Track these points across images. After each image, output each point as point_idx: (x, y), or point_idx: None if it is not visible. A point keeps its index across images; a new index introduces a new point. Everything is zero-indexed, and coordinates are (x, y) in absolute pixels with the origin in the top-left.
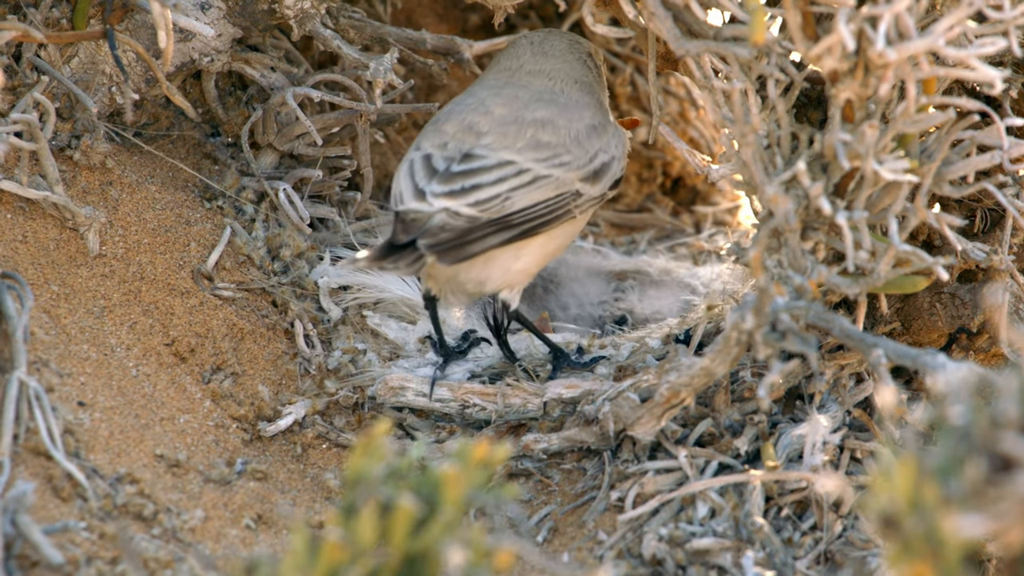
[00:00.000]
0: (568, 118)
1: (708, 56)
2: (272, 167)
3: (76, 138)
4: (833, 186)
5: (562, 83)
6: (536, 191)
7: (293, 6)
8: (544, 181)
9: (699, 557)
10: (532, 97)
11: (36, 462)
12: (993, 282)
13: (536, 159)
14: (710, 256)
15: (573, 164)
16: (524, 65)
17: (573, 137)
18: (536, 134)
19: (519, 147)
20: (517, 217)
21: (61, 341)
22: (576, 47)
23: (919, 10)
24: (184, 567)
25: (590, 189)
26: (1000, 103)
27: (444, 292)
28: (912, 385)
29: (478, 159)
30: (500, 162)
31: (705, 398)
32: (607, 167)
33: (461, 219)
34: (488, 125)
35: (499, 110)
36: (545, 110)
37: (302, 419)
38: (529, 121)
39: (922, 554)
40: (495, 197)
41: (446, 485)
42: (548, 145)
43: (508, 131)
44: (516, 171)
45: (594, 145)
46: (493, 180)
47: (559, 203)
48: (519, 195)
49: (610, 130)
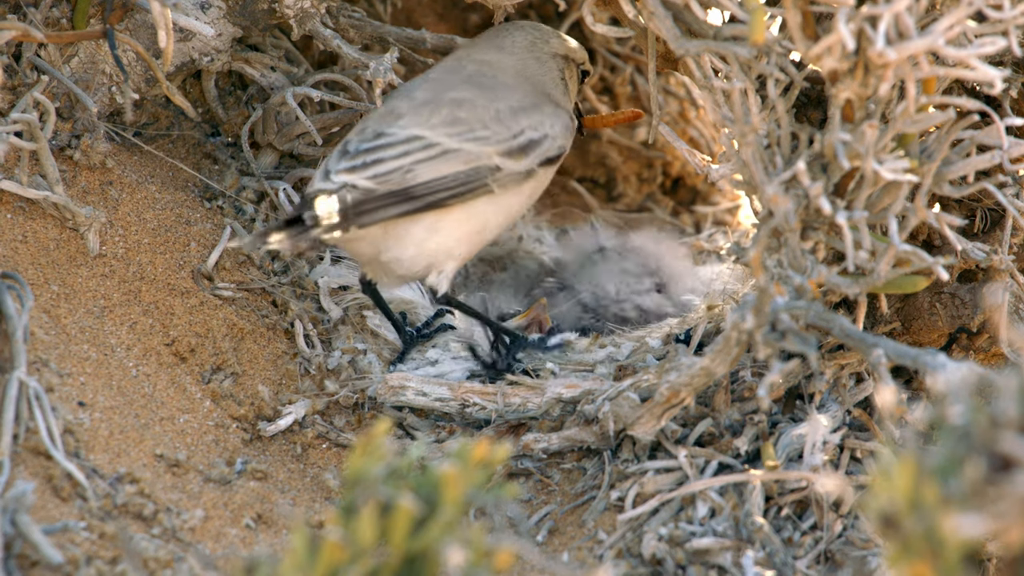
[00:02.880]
0: (490, 98)
1: (708, 56)
2: (272, 167)
3: (76, 138)
4: (833, 186)
5: (499, 71)
6: (443, 164)
7: (293, 5)
8: (454, 154)
9: (699, 557)
10: (459, 80)
11: (36, 462)
12: (993, 282)
13: (448, 133)
14: (710, 256)
15: (492, 139)
16: (472, 54)
17: (493, 115)
18: (453, 111)
19: (432, 123)
20: (421, 188)
21: (61, 341)
22: (540, 45)
23: (919, 10)
24: (184, 567)
25: (512, 164)
26: (1000, 103)
27: (376, 274)
28: (912, 385)
29: (387, 136)
30: (408, 137)
31: (705, 398)
32: (536, 143)
33: (357, 191)
34: (407, 108)
35: (421, 94)
36: (467, 91)
37: (302, 419)
38: (447, 100)
39: (922, 554)
40: (396, 169)
41: (446, 485)
42: (463, 121)
43: (423, 110)
44: (423, 145)
45: (520, 123)
46: (397, 154)
47: (472, 176)
48: (424, 167)
49: (546, 111)
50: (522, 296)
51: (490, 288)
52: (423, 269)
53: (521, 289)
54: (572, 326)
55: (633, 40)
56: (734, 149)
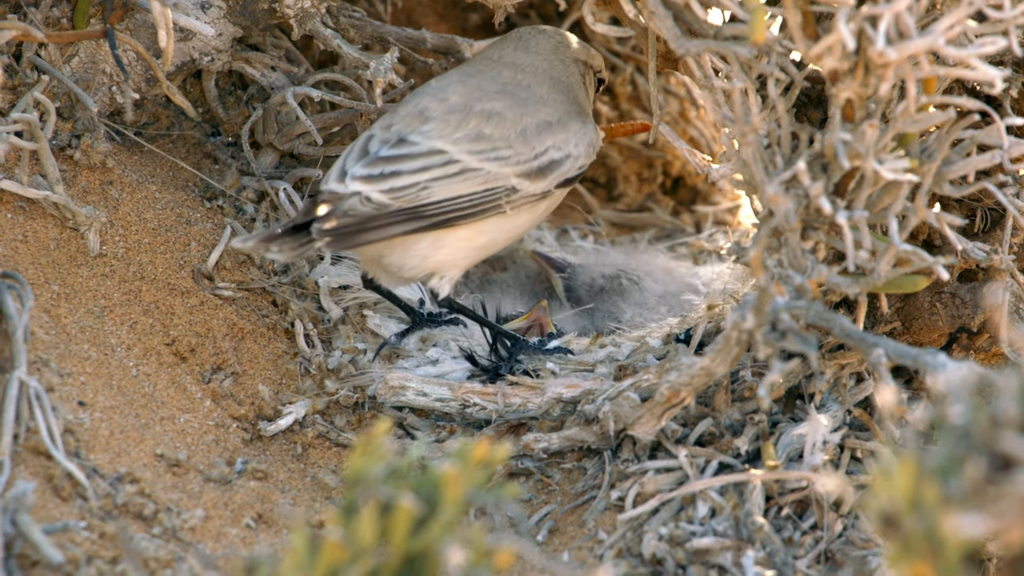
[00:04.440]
0: (520, 112)
1: (708, 55)
2: (272, 166)
3: (76, 137)
4: (833, 186)
5: (533, 78)
6: (461, 183)
7: (293, 5)
8: (473, 174)
9: (699, 556)
10: (494, 88)
11: (36, 462)
12: (993, 282)
13: (471, 151)
14: (710, 256)
15: (512, 159)
16: (504, 56)
17: (519, 132)
18: (479, 125)
19: (456, 137)
20: (431, 208)
21: (61, 341)
22: (563, 49)
23: (919, 9)
24: (184, 567)
25: (529, 186)
26: (1000, 102)
27: (377, 275)
28: (912, 385)
29: (409, 145)
30: (430, 150)
31: (705, 398)
32: (556, 164)
33: (370, 205)
34: (437, 111)
35: (454, 98)
36: (499, 102)
37: (302, 419)
38: (477, 111)
39: (922, 553)
40: (412, 185)
41: (446, 485)
42: (488, 138)
43: (451, 119)
44: (443, 161)
45: (544, 142)
46: (416, 168)
47: (486, 197)
48: (440, 186)
49: (573, 128)
50: (526, 297)
51: (491, 288)
52: (425, 276)
53: (522, 290)
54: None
55: (633, 40)
56: (734, 149)
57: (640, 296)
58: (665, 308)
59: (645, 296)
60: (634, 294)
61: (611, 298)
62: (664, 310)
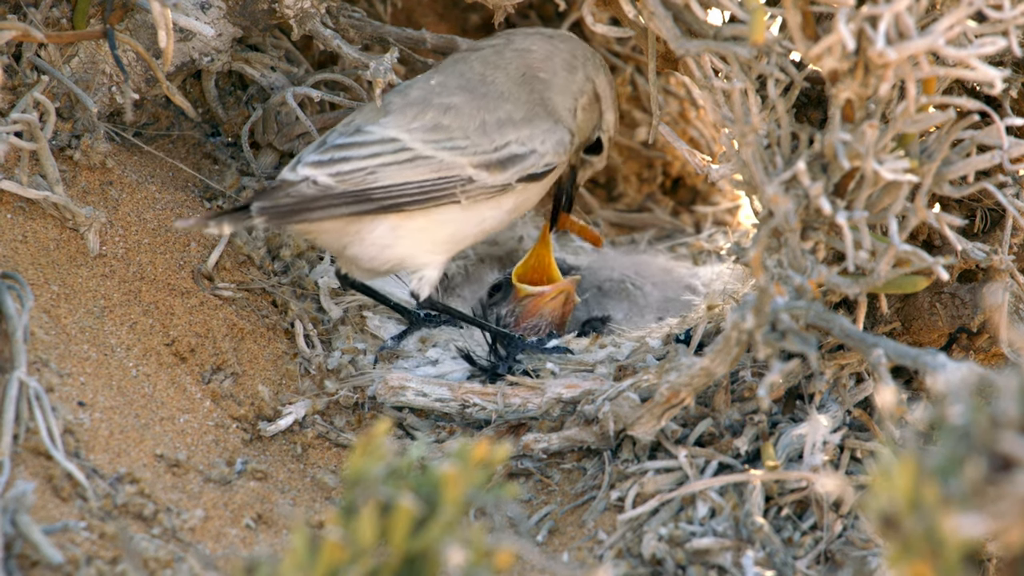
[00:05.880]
0: (479, 107)
1: (708, 56)
2: (272, 167)
3: (76, 138)
4: (833, 186)
5: (506, 77)
6: (411, 170)
7: (293, 5)
8: (425, 162)
9: (699, 557)
10: (457, 84)
11: (36, 462)
12: (993, 282)
13: (425, 140)
14: (710, 256)
15: (469, 150)
16: (514, 41)
17: (478, 124)
18: (437, 117)
19: (412, 127)
20: (379, 192)
21: (61, 341)
22: (578, 56)
23: (919, 10)
24: (184, 567)
25: (488, 177)
26: (1000, 103)
27: (348, 267)
28: (912, 385)
29: (364, 134)
30: (383, 139)
31: (705, 398)
32: (519, 159)
33: (315, 188)
34: (397, 104)
35: (414, 92)
36: (459, 97)
37: (302, 419)
38: (435, 104)
39: (922, 554)
40: (360, 170)
41: (446, 485)
42: (446, 128)
43: (409, 112)
44: (396, 148)
45: (506, 136)
46: (366, 155)
47: (438, 185)
48: (389, 171)
49: (541, 126)
50: None
51: None
52: (389, 269)
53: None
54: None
55: (633, 40)
56: (734, 149)
57: (644, 301)
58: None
59: (649, 301)
60: (638, 300)
61: (617, 303)
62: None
